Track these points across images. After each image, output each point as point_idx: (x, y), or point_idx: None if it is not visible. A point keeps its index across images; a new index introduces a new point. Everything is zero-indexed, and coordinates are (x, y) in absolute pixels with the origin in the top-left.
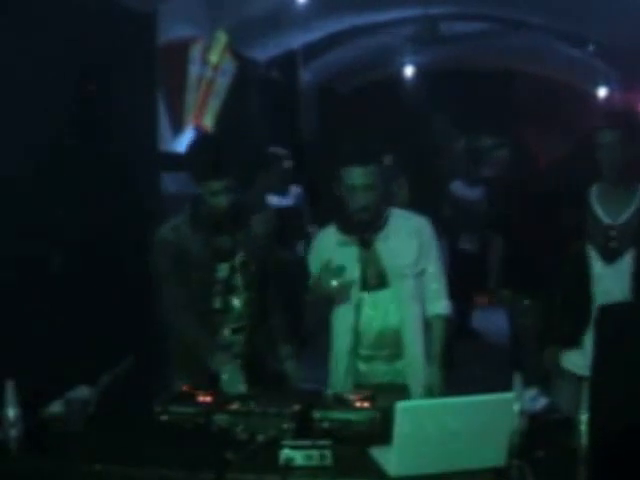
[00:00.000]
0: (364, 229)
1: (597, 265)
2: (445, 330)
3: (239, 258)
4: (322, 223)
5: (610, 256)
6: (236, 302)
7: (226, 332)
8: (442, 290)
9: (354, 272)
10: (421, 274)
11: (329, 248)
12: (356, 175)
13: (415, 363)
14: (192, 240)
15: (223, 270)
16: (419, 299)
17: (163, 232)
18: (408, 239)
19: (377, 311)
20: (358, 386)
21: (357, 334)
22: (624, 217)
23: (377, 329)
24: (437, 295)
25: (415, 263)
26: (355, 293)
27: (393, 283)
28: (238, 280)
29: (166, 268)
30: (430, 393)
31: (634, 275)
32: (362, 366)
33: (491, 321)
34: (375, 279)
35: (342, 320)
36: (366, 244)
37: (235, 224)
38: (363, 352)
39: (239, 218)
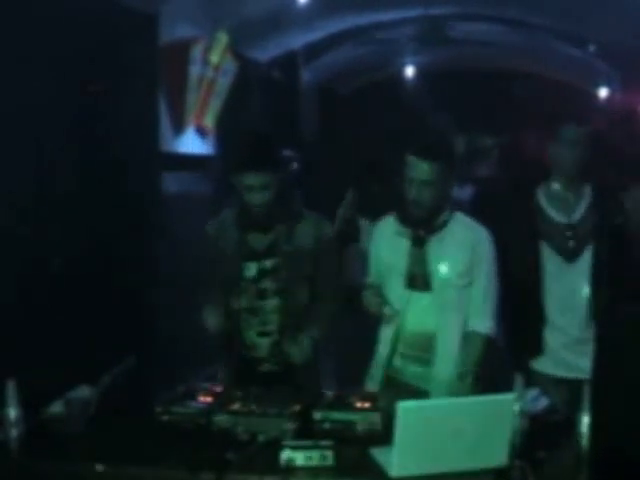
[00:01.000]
0: (419, 225)
1: (556, 264)
2: (481, 349)
3: (270, 261)
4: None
5: (570, 255)
6: (264, 305)
7: (251, 333)
8: (487, 309)
9: (401, 266)
10: (468, 286)
11: (385, 236)
12: (420, 169)
13: (443, 373)
14: (231, 234)
15: (251, 269)
16: (461, 311)
17: (210, 225)
18: (462, 248)
19: (416, 312)
20: (388, 380)
21: (398, 327)
22: (577, 215)
23: (412, 329)
24: (481, 312)
25: (463, 275)
26: (399, 287)
27: (436, 289)
28: (268, 283)
29: (205, 259)
30: None
31: (593, 270)
32: (398, 360)
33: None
34: (419, 280)
35: (390, 309)
36: (418, 242)
37: (271, 225)
38: (400, 348)
39: (278, 220)
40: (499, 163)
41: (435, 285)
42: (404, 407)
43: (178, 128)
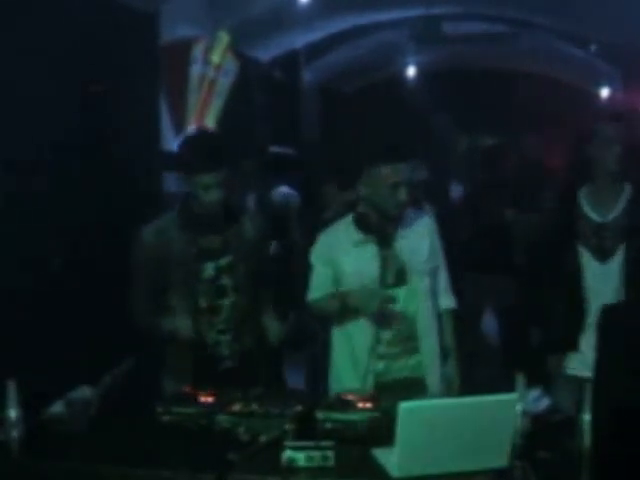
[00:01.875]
0: (386, 226)
1: (591, 265)
2: (453, 323)
3: (226, 259)
4: (318, 223)
5: (603, 255)
6: (224, 303)
7: (213, 332)
8: (448, 285)
9: (373, 271)
10: (434, 270)
11: (342, 247)
12: (401, 171)
13: (431, 357)
14: (177, 240)
15: (208, 270)
16: (433, 294)
17: (146, 234)
18: (421, 237)
19: (394, 309)
20: (377, 385)
21: (376, 333)
22: (613, 215)
23: (396, 326)
24: (446, 290)
25: (429, 260)
26: None
27: (411, 280)
28: (226, 281)
29: (139, 266)
30: (450, 386)
31: (625, 270)
32: (380, 365)
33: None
34: (393, 277)
35: (360, 322)
36: (385, 242)
37: (224, 223)
38: (381, 350)
39: (229, 217)
40: (500, 163)
41: (411, 276)
42: (405, 407)
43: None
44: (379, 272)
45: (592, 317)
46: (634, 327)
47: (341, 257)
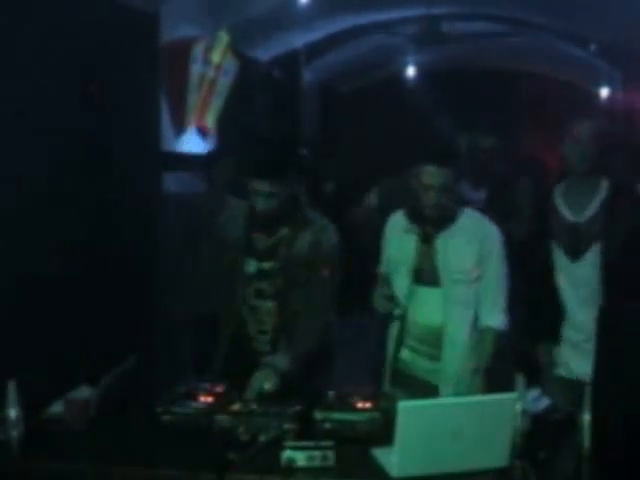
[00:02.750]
0: (427, 222)
1: (563, 263)
2: (494, 344)
3: (269, 264)
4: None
5: (575, 254)
6: (260, 306)
7: (251, 328)
8: (498, 303)
9: (409, 262)
10: (477, 281)
11: (395, 231)
12: (433, 175)
13: (451, 368)
14: (238, 226)
15: (251, 267)
16: (470, 306)
17: (235, 204)
18: (470, 244)
19: (423, 307)
20: (398, 373)
21: (405, 322)
22: (588, 213)
23: (421, 324)
24: (492, 307)
25: (471, 270)
26: (408, 283)
27: (444, 285)
28: (265, 285)
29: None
30: None
31: (603, 267)
32: (406, 354)
33: None
34: (428, 276)
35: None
36: (426, 238)
37: (274, 230)
38: (409, 342)
39: (282, 225)
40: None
41: (443, 281)
42: (405, 407)
43: (179, 128)
44: (413, 265)
45: (568, 314)
46: (633, 328)
47: (391, 241)
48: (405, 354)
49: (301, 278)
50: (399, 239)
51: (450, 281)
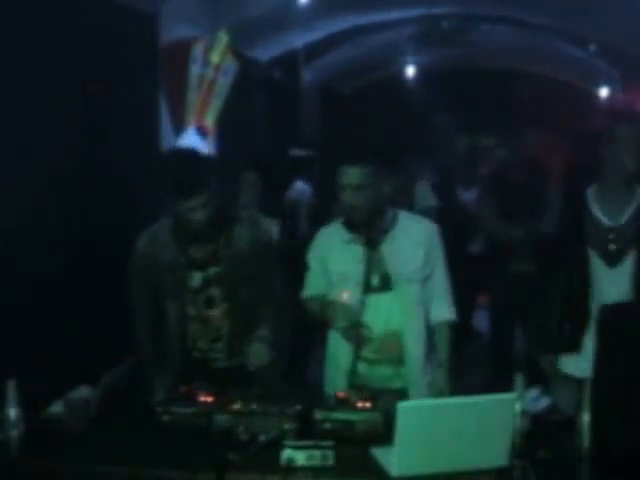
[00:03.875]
0: (369, 229)
1: (599, 268)
2: (450, 335)
3: (214, 269)
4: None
5: (612, 259)
6: (214, 313)
7: (204, 341)
8: (447, 296)
9: (357, 273)
10: (426, 279)
11: (332, 245)
12: (347, 175)
13: (416, 368)
14: (168, 247)
15: (196, 279)
16: (422, 304)
17: (140, 242)
18: (415, 244)
19: (379, 314)
20: (356, 388)
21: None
22: (624, 218)
23: (379, 333)
24: (442, 301)
25: (421, 268)
26: (357, 294)
27: (397, 287)
28: (215, 291)
29: (133, 278)
30: (439, 397)
31: (635, 276)
32: (363, 368)
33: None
34: (378, 282)
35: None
36: (372, 244)
37: (214, 234)
38: (366, 355)
39: (219, 230)
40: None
41: (395, 283)
42: (404, 407)
43: (178, 128)
44: (363, 274)
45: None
46: (634, 327)
47: (331, 255)
48: (361, 367)
49: (249, 272)
50: (341, 252)
51: (403, 283)
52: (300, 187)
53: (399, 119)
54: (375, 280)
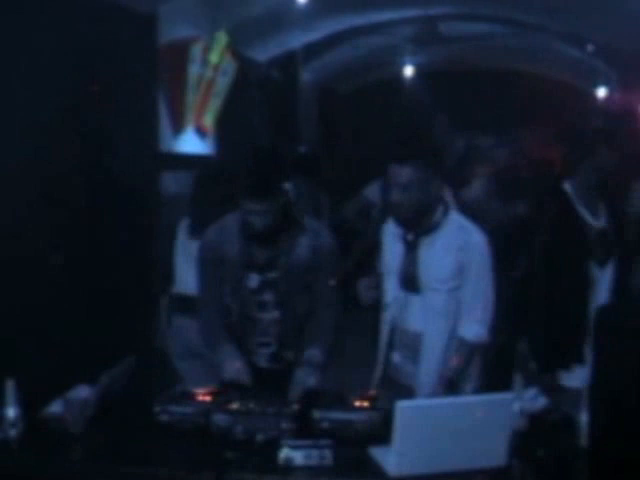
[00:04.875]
0: (410, 228)
1: (593, 271)
2: (466, 356)
3: (272, 274)
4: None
5: (604, 260)
6: (264, 316)
7: (251, 341)
8: (477, 315)
9: (396, 267)
10: (456, 291)
11: (388, 238)
12: (394, 173)
13: (425, 375)
14: (235, 243)
15: (253, 280)
16: (449, 314)
17: (210, 230)
18: (449, 251)
19: (406, 312)
20: (387, 377)
21: (393, 325)
22: (604, 217)
23: (404, 329)
24: (468, 318)
25: (448, 279)
26: (395, 288)
27: (423, 292)
28: (268, 296)
29: (202, 264)
30: None
31: (617, 278)
32: (396, 358)
33: None
34: (409, 282)
35: (384, 314)
36: (409, 244)
37: (277, 239)
38: (398, 346)
39: (278, 236)
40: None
41: (422, 288)
42: (402, 406)
43: (177, 128)
44: (400, 271)
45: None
46: (631, 327)
47: (384, 246)
48: (395, 357)
49: (303, 284)
50: (390, 245)
51: (428, 289)
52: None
53: (397, 119)
54: (407, 279)
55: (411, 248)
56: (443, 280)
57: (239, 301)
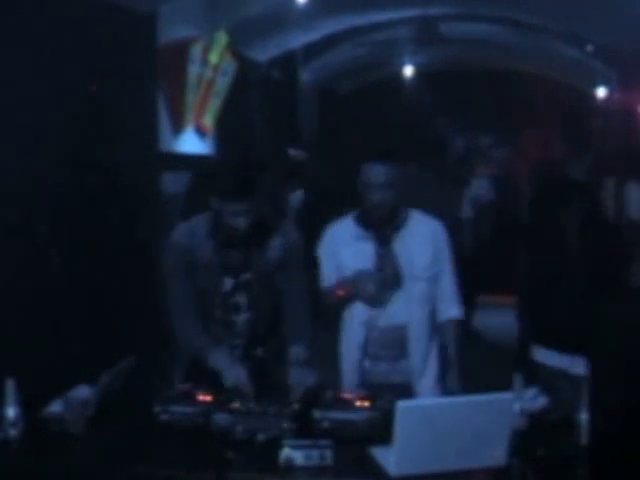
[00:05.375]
0: (383, 225)
1: None
2: (459, 334)
3: (245, 276)
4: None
5: None
6: (238, 319)
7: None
8: (455, 294)
9: (369, 269)
10: (434, 277)
11: (343, 241)
12: (375, 172)
13: (419, 364)
14: (205, 246)
15: (227, 284)
16: (429, 302)
17: (178, 232)
18: (424, 242)
19: (383, 309)
20: (363, 385)
21: (367, 331)
22: None
23: (382, 327)
24: (450, 299)
25: (429, 266)
26: (370, 290)
27: (405, 284)
28: (242, 298)
29: (173, 269)
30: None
31: None
32: (367, 364)
33: (493, 320)
34: (390, 278)
35: (355, 315)
36: (383, 241)
37: (249, 243)
38: (370, 349)
39: (255, 237)
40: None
41: (405, 280)
42: (403, 406)
43: (177, 128)
44: (375, 270)
45: None
46: (631, 327)
47: (342, 251)
48: (366, 364)
49: (277, 282)
50: (353, 247)
51: (411, 280)
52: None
53: (397, 119)
54: (386, 276)
55: (384, 245)
56: (425, 268)
57: (211, 305)
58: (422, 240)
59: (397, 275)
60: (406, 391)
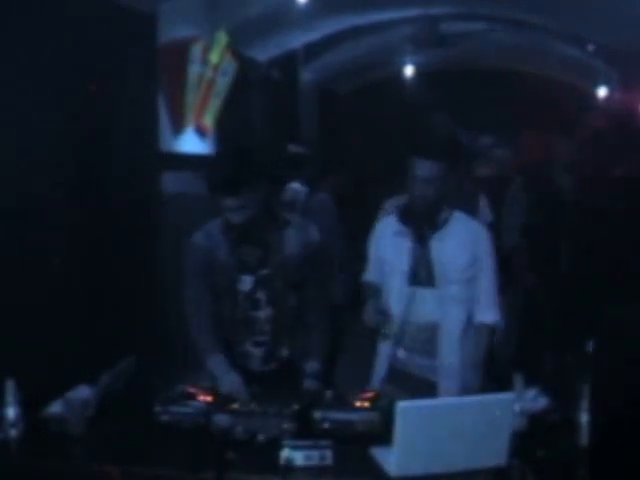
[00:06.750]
0: (422, 222)
1: None
2: (489, 339)
3: (264, 272)
4: None
5: None
6: (258, 316)
7: (247, 344)
8: (492, 301)
9: (404, 264)
10: (471, 280)
11: (385, 236)
12: (424, 167)
13: (448, 364)
14: (222, 247)
15: (246, 282)
16: (464, 304)
17: (195, 236)
18: (463, 244)
19: (418, 307)
20: (395, 370)
21: (401, 322)
22: None
23: (416, 323)
24: (487, 304)
25: (466, 269)
26: (403, 285)
27: (439, 284)
28: (261, 294)
29: (189, 271)
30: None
31: None
32: (401, 353)
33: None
34: (423, 277)
35: (392, 306)
36: (421, 239)
37: (261, 239)
38: (404, 341)
39: (270, 229)
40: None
41: (439, 281)
42: (403, 407)
43: (177, 128)
44: (408, 267)
45: None
46: (632, 328)
47: (382, 245)
48: (401, 353)
49: (297, 278)
50: (392, 243)
51: (445, 281)
52: (296, 188)
53: (397, 119)
54: (421, 274)
55: (421, 244)
56: (460, 271)
57: (232, 304)
58: (461, 242)
59: (429, 275)
60: (430, 388)
